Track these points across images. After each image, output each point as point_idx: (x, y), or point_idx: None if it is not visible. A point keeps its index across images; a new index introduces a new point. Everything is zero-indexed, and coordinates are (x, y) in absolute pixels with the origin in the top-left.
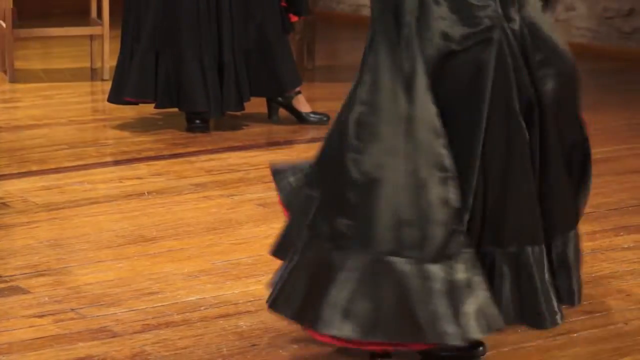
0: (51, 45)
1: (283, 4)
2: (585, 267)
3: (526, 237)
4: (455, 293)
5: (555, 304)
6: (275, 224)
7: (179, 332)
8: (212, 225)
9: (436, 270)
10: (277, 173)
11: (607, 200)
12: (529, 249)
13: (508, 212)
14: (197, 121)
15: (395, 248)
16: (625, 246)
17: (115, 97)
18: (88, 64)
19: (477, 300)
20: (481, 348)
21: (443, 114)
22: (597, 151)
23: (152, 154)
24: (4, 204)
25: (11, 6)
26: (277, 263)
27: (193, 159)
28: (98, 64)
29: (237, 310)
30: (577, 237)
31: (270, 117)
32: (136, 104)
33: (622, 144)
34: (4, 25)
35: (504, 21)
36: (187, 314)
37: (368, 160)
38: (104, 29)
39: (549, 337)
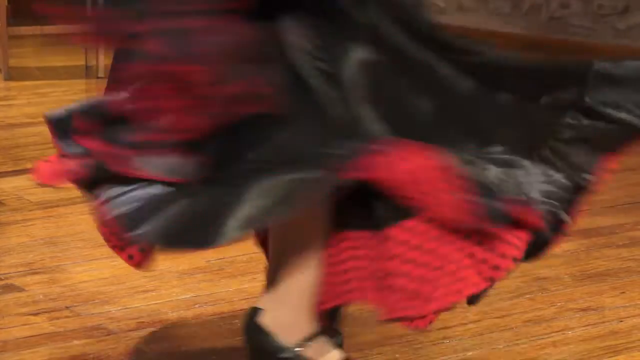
0: (46, 43)
1: None
2: (580, 264)
3: None
4: None
5: None
6: None
7: (174, 330)
8: None
9: None
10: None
11: (602, 197)
12: None
13: None
14: None
15: None
16: (620, 244)
17: None
18: (83, 62)
19: None
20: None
21: None
22: None
23: None
24: None
25: (6, 4)
26: None
27: None
28: (93, 62)
29: (232, 308)
30: None
31: None
32: None
33: None
34: None
35: None
36: (182, 311)
37: None
38: None
39: (544, 334)
